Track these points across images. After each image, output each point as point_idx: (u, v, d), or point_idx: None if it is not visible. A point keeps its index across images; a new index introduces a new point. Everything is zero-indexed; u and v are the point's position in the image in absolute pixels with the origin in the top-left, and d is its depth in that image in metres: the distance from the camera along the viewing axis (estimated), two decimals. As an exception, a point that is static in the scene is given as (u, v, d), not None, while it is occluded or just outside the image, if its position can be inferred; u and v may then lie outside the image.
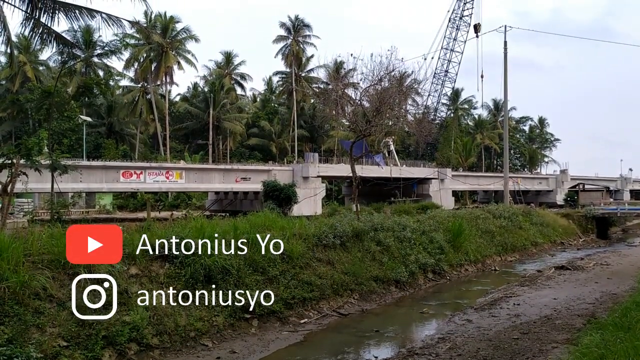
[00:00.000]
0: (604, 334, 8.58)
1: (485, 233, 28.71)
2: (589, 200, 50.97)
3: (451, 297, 19.35)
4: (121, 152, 53.82)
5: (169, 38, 57.58)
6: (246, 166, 42.94)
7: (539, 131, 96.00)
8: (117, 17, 17.11)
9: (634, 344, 6.76)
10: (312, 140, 70.88)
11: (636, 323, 8.30)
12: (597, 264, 26.38)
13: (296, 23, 66.27)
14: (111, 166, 34.80)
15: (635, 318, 8.72)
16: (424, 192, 50.19)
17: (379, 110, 23.49)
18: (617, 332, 8.24)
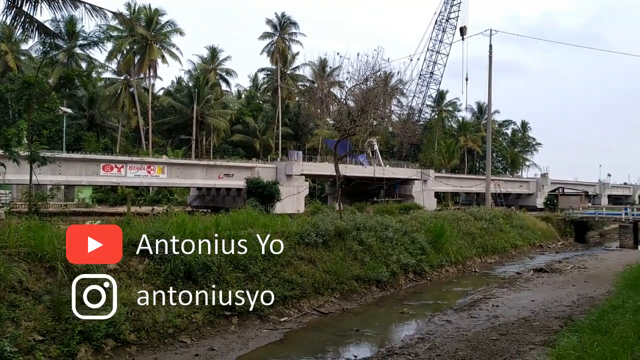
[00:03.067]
0: (581, 337, 8.65)
1: (466, 235, 28.91)
2: (568, 205, 51.71)
3: (431, 297, 19.42)
4: (102, 145, 53.18)
5: (153, 31, 56.96)
6: (229, 162, 42.71)
7: (521, 135, 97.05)
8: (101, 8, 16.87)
9: (610, 347, 6.82)
10: (297, 138, 70.78)
11: (613, 326, 8.38)
12: (574, 267, 26.69)
13: (283, 20, 66.10)
14: (91, 159, 34.36)
15: (612, 321, 8.81)
16: (406, 192, 50.42)
17: (363, 110, 23.50)
18: (594, 335, 8.32)
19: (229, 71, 72.78)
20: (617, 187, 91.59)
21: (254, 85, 79.77)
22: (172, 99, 66.58)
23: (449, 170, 68.15)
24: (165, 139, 67.69)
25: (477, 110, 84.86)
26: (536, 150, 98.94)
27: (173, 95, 68.54)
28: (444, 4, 64.54)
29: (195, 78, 65.80)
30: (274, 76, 68.53)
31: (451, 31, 64.85)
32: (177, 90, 70.47)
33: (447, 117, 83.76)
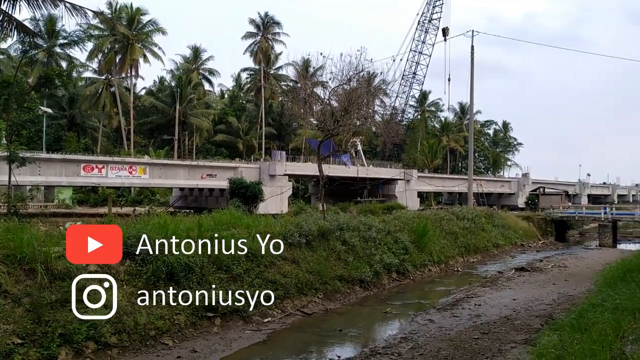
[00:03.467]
0: (561, 335, 8.74)
1: (449, 234, 29.11)
2: (549, 204, 52.38)
3: (414, 297, 19.52)
4: (83, 145, 52.52)
5: (135, 30, 56.40)
6: (212, 163, 42.48)
7: (502, 135, 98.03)
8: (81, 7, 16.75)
9: (590, 345, 6.91)
10: (280, 139, 70.64)
11: (592, 325, 8.48)
12: (555, 266, 27.03)
13: (266, 20, 65.91)
14: (71, 159, 33.91)
15: (592, 320, 8.92)
16: (390, 192, 50.59)
17: (347, 110, 23.52)
18: (574, 333, 8.41)
19: (212, 71, 72.52)
20: (596, 187, 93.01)
21: (237, 85, 79.44)
22: (154, 98, 66.00)
23: (431, 170, 68.54)
24: (147, 139, 67.08)
25: (459, 111, 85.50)
26: (517, 150, 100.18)
27: (155, 94, 67.94)
28: (427, 5, 64.96)
29: (178, 78, 65.32)
30: (257, 76, 68.32)
31: (434, 32, 65.31)
32: (159, 89, 69.88)
33: (430, 117, 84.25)
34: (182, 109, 60.77)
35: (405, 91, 69.08)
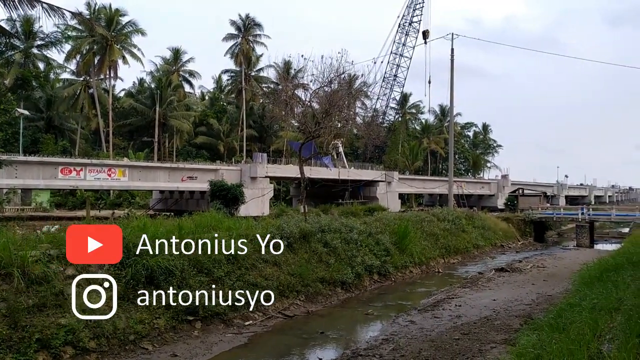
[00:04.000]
0: (540, 335, 8.84)
1: (429, 236, 29.28)
2: (528, 205, 52.98)
3: (396, 298, 19.59)
4: (60, 147, 51.79)
5: (113, 31, 55.84)
6: (193, 165, 42.19)
7: (482, 137, 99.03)
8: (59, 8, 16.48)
9: (568, 345, 6.99)
10: (261, 141, 70.44)
11: (570, 324, 8.59)
12: (534, 267, 27.34)
13: (247, 22, 65.76)
14: (49, 162, 33.40)
15: (570, 319, 9.04)
16: (371, 194, 50.76)
17: (328, 112, 23.51)
18: (553, 332, 8.51)
19: (193, 72, 72.11)
20: (574, 188, 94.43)
21: (217, 87, 79.07)
22: (133, 100, 65.38)
23: (412, 172, 68.93)
24: (126, 141, 66.39)
25: (439, 113, 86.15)
26: (497, 152, 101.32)
27: (134, 96, 67.33)
28: (407, 8, 65.26)
29: (158, 79, 64.78)
30: (238, 78, 68.08)
31: (414, 35, 65.59)
32: (138, 91, 69.28)
33: (411, 119, 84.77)
34: (162, 111, 60.27)
35: (386, 93, 69.31)
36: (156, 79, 66.27)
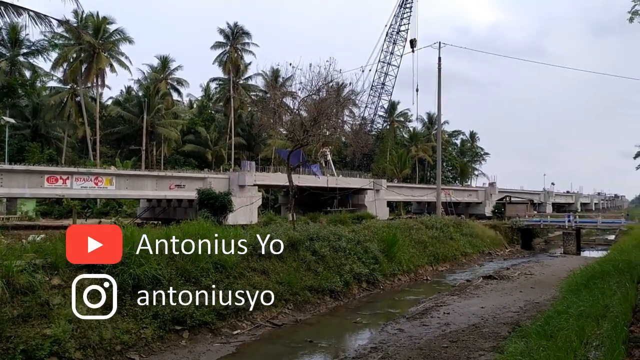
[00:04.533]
0: (528, 342, 8.87)
1: (418, 243, 29.35)
2: (515, 213, 53.31)
3: (384, 306, 19.59)
4: (47, 156, 51.32)
5: (101, 39, 55.55)
6: (181, 173, 41.94)
7: (469, 145, 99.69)
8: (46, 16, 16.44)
9: (555, 352, 7.02)
10: (250, 149, 70.32)
11: (557, 331, 8.63)
12: (521, 274, 27.48)
13: (235, 30, 65.76)
14: (35, 170, 33.04)
15: (557, 326, 9.08)
16: (359, 202, 50.77)
17: (316, 120, 23.55)
18: (540, 340, 8.54)
19: (181, 81, 71.85)
20: (560, 195, 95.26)
21: (206, 95, 78.87)
22: (121, 108, 65.02)
23: (400, 180, 69.10)
24: (113, 149, 65.96)
25: (427, 121, 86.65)
26: (484, 159, 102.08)
27: (122, 104, 66.95)
28: (395, 17, 65.63)
29: (145, 87, 64.51)
30: (226, 86, 67.98)
31: (402, 43, 65.88)
32: (126, 99, 68.89)
33: (399, 127, 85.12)
34: (149, 119, 60.00)
35: (374, 101, 69.47)
36: (144, 87, 65.99)
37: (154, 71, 69.61)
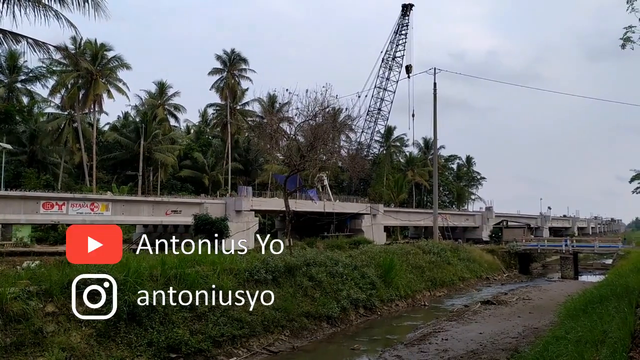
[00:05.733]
0: (527, 369, 8.79)
1: (415, 268, 29.21)
2: (512, 237, 53.25)
3: (382, 332, 19.40)
4: (43, 182, 51.23)
5: (98, 65, 55.98)
6: (177, 199, 41.90)
7: (466, 169, 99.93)
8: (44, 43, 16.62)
9: (554, 379, 6.96)
10: (246, 174, 70.38)
11: (556, 357, 8.56)
12: (519, 299, 27.33)
13: (232, 56, 66.41)
14: (31, 196, 32.98)
15: (556, 352, 9.00)
16: (356, 227, 50.69)
17: (313, 145, 23.66)
18: (539, 366, 8.48)
19: (178, 106, 72.21)
20: (557, 220, 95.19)
21: (203, 121, 79.26)
22: (118, 134, 65.22)
23: (397, 205, 69.06)
24: (110, 175, 65.93)
25: (423, 146, 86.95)
26: (481, 184, 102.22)
27: (119, 130, 67.19)
28: (390, 43, 66.47)
29: (143, 113, 64.80)
30: (224, 111, 68.34)
31: (397, 69, 66.59)
32: (123, 125, 69.16)
33: (395, 152, 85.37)
34: (146, 145, 60.12)
35: (371, 126, 69.88)
36: (141, 112, 66.27)
37: (151, 97, 70.02)
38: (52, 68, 33.89)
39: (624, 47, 11.86)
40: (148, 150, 60.67)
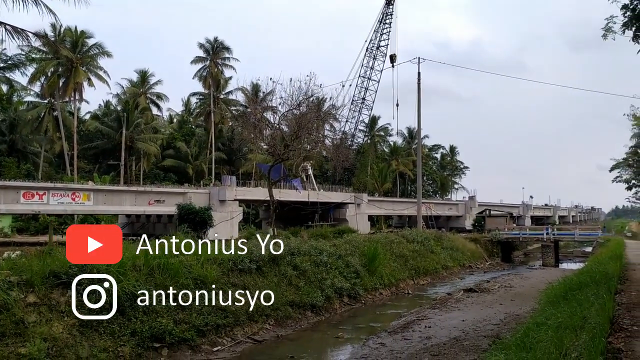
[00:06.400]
0: (508, 355, 8.89)
1: (399, 257, 29.40)
2: (495, 226, 53.79)
3: (366, 321, 19.52)
4: (24, 171, 50.51)
5: (79, 53, 55.11)
6: (160, 188, 41.58)
7: (449, 159, 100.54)
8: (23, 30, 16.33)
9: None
10: (230, 163, 70.05)
11: (537, 343, 8.67)
12: (501, 287, 27.67)
13: (215, 45, 65.82)
14: (10, 186, 32.46)
15: (536, 338, 9.12)
16: (340, 216, 50.80)
17: (297, 135, 23.65)
18: (520, 352, 8.58)
19: (160, 95, 71.48)
20: (539, 208, 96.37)
21: (186, 110, 78.57)
22: (99, 123, 64.44)
23: (381, 194, 69.35)
24: (92, 164, 65.20)
25: (407, 135, 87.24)
26: (464, 173, 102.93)
27: (100, 119, 66.36)
28: (374, 32, 66.42)
29: (125, 102, 64.02)
30: (207, 101, 67.85)
31: (382, 58, 66.60)
32: (104, 114, 68.29)
33: (379, 141, 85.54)
34: (128, 134, 59.49)
35: (355, 116, 69.94)
36: (123, 101, 65.47)
37: (133, 85, 69.19)
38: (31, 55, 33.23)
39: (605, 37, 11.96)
40: (130, 140, 60.04)
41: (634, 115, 34.13)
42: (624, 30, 10.84)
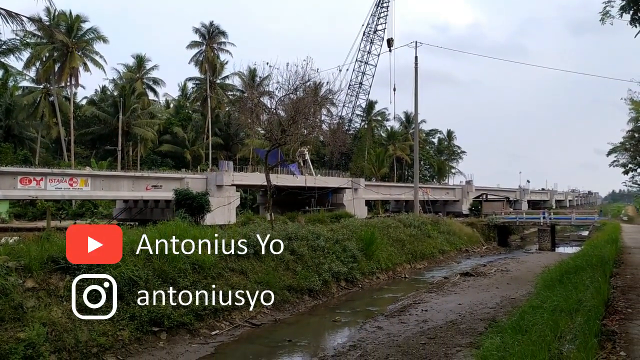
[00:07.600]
0: (504, 337, 8.99)
1: (396, 241, 29.52)
2: (491, 210, 54.00)
3: (363, 304, 19.66)
4: (20, 156, 50.42)
5: (74, 38, 54.66)
6: (157, 174, 41.53)
7: (447, 143, 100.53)
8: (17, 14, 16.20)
9: (530, 347, 7.13)
10: (227, 148, 69.96)
11: (532, 326, 8.76)
12: (498, 270, 27.84)
13: (211, 29, 65.35)
14: (7, 172, 32.40)
15: (532, 321, 9.21)
16: (338, 201, 50.88)
17: (294, 120, 23.54)
18: (516, 335, 8.67)
19: (157, 80, 71.11)
20: (535, 193, 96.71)
21: (182, 95, 78.25)
22: (95, 108, 64.15)
23: (378, 179, 69.45)
24: (89, 149, 65.06)
25: (405, 120, 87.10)
26: (461, 158, 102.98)
27: (97, 104, 66.06)
28: (372, 16, 66.08)
29: (121, 87, 63.71)
30: (203, 85, 67.53)
31: (379, 43, 66.40)
32: (101, 99, 67.98)
33: (377, 126, 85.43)
34: (125, 119, 59.27)
35: (352, 101, 69.88)
36: (119, 86, 65.15)
37: (129, 70, 68.77)
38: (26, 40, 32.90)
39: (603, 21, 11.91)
40: (127, 125, 59.86)
41: (631, 99, 34.07)
42: (621, 13, 10.80)
